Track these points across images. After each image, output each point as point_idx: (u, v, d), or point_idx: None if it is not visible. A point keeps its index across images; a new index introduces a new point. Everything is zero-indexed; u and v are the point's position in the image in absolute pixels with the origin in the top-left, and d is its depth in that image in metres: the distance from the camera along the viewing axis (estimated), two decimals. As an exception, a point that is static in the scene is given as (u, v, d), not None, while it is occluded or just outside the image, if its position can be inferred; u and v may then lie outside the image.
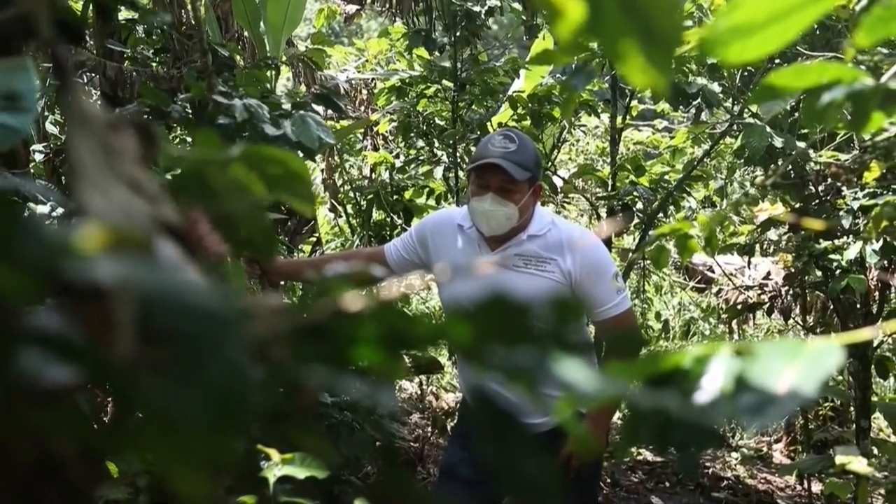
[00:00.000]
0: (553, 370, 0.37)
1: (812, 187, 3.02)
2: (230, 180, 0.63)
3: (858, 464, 1.50)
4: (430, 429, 4.17)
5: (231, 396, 0.28)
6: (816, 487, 4.05)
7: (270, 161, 0.64)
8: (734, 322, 5.35)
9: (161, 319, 0.29)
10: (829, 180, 2.73)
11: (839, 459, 1.55)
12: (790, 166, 2.98)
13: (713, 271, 5.57)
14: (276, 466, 1.28)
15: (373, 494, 0.43)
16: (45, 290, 0.34)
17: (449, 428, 3.81)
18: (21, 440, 0.41)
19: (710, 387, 0.52)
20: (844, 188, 2.66)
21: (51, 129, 3.07)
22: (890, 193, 2.39)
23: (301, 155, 2.20)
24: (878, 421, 4.66)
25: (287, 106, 2.18)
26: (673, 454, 0.54)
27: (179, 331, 0.28)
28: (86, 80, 2.61)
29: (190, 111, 2.12)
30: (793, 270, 3.69)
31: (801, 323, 4.32)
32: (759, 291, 4.20)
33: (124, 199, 0.44)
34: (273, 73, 2.94)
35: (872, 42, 0.69)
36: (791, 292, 3.83)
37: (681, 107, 3.87)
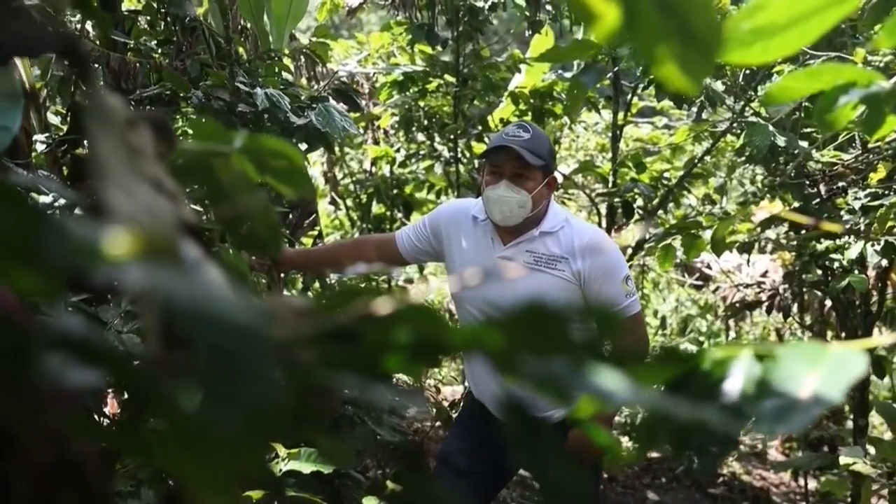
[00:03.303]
0: (586, 378, 0.36)
1: (814, 187, 3.02)
2: (235, 172, 0.62)
3: (862, 464, 1.50)
4: (428, 423, 4.17)
5: (265, 412, 0.28)
6: (812, 484, 4.06)
7: (272, 153, 0.63)
8: (731, 319, 5.36)
9: (195, 332, 0.28)
10: (833, 180, 2.73)
11: (843, 459, 1.55)
12: (789, 165, 2.98)
13: (711, 268, 5.58)
14: (283, 461, 1.28)
15: (394, 498, 0.42)
16: (69, 292, 0.34)
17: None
18: (41, 441, 0.41)
19: (732, 391, 0.51)
20: (851, 188, 2.66)
21: (52, 119, 3.05)
22: (893, 194, 2.39)
23: (319, 146, 2.22)
24: (872, 418, 4.67)
25: (303, 97, 2.20)
26: (690, 457, 0.53)
27: (214, 344, 0.28)
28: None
29: (204, 100, 2.13)
30: (790, 269, 3.69)
31: (799, 321, 4.33)
32: (758, 289, 4.20)
33: (148, 198, 0.43)
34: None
35: (892, 44, 0.69)
36: (790, 291, 3.83)
37: (674, 103, 3.86)
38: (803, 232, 3.05)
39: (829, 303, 3.99)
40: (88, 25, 2.63)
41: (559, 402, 0.39)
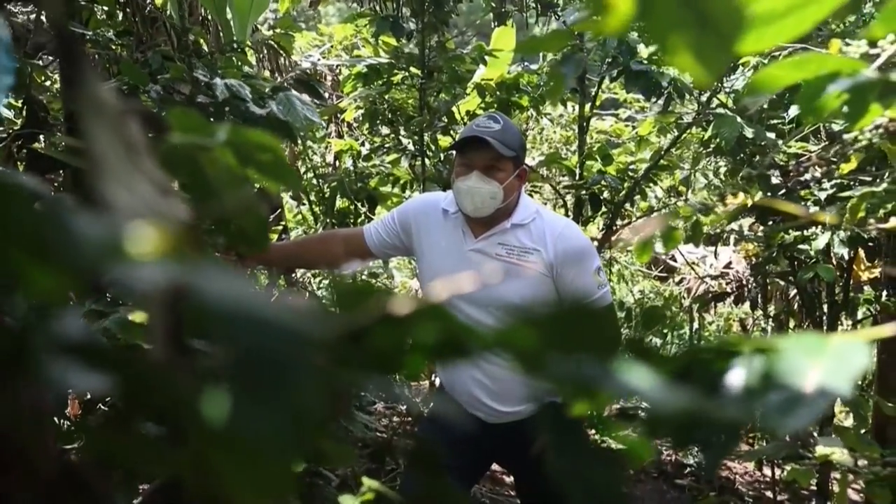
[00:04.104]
0: (615, 377, 0.35)
1: (784, 178, 3.06)
2: (222, 166, 0.60)
3: (840, 454, 1.52)
4: (396, 418, 4.16)
5: (309, 418, 0.26)
6: (778, 473, 4.12)
7: (256, 146, 0.61)
8: (698, 310, 5.42)
9: (231, 333, 0.26)
10: (805, 171, 2.77)
11: (821, 450, 1.57)
12: (756, 156, 3.01)
13: (675, 260, 5.63)
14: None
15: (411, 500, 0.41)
16: (86, 293, 0.32)
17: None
18: (45, 452, 0.39)
19: (735, 385, 0.50)
20: (824, 180, 2.70)
21: (6, 112, 2.97)
22: (859, 185, 2.42)
23: (283, 138, 2.19)
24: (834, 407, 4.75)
25: (267, 90, 2.16)
26: (694, 451, 0.53)
27: (254, 346, 0.26)
28: (46, 63, 2.53)
29: (163, 93, 2.08)
30: (755, 260, 3.74)
31: (763, 311, 4.39)
32: (724, 281, 4.25)
33: (148, 194, 0.41)
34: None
35: (887, 33, 0.68)
36: (755, 282, 3.88)
37: (643, 96, 3.88)
38: (770, 223, 3.09)
39: (793, 293, 4.05)
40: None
41: (587, 401, 0.38)
